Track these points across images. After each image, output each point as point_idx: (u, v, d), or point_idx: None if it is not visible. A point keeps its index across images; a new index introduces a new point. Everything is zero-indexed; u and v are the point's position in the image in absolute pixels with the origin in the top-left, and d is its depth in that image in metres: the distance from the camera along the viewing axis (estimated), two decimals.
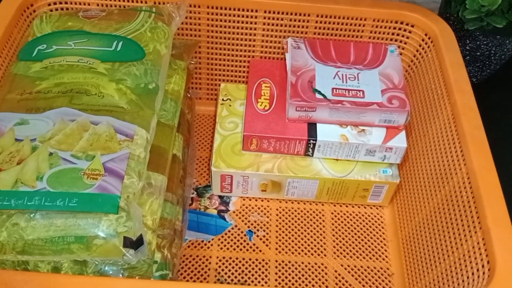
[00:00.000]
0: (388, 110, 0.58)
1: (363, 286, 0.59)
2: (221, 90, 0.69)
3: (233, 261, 0.60)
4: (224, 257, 0.60)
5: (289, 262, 0.60)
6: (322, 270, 0.60)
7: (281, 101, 0.63)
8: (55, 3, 0.63)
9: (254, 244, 0.62)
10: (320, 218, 0.65)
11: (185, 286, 0.43)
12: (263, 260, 0.60)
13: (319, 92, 0.59)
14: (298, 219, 0.64)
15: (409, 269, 0.58)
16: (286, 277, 0.59)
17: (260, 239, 0.62)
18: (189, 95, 0.67)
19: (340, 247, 0.62)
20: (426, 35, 0.63)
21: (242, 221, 0.64)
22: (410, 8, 0.63)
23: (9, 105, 0.49)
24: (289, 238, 0.63)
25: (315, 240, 0.63)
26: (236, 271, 0.59)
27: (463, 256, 0.46)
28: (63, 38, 0.55)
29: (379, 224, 0.65)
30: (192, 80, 0.72)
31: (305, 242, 0.62)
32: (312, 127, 0.60)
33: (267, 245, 0.62)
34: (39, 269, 0.44)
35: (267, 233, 0.63)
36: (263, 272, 0.59)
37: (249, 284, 0.58)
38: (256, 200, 0.66)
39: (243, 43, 0.67)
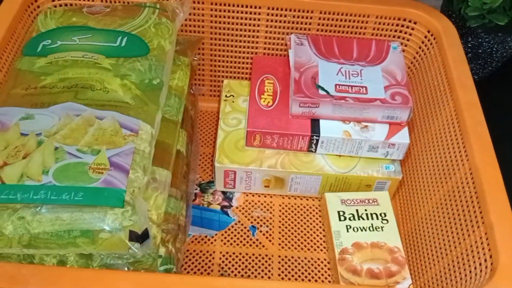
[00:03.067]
0: (391, 106, 0.58)
1: None
2: (224, 87, 0.69)
3: (236, 256, 0.60)
4: (227, 252, 0.61)
5: (292, 257, 0.61)
6: (325, 265, 0.60)
7: (284, 97, 0.63)
8: None
9: (257, 240, 0.62)
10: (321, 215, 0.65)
11: (189, 279, 0.43)
12: (266, 255, 0.61)
13: (322, 88, 0.59)
14: (301, 214, 0.65)
15: (411, 263, 0.58)
16: (289, 272, 0.59)
17: (263, 234, 0.63)
18: (192, 92, 0.68)
19: None
20: (428, 32, 0.63)
21: (245, 216, 0.64)
22: (412, 5, 0.64)
23: (14, 100, 0.49)
24: (292, 233, 0.63)
25: (318, 235, 0.63)
26: (239, 266, 0.60)
27: (465, 250, 0.47)
28: (68, 33, 0.55)
29: None
30: (195, 77, 0.73)
31: (308, 237, 0.63)
32: (315, 123, 0.60)
33: (270, 241, 0.62)
34: (45, 262, 0.45)
35: (270, 229, 0.63)
36: (266, 267, 0.60)
37: (252, 279, 0.58)
38: (259, 196, 0.66)
39: (246, 40, 0.68)
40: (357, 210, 0.60)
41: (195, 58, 0.66)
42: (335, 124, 0.60)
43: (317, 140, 0.60)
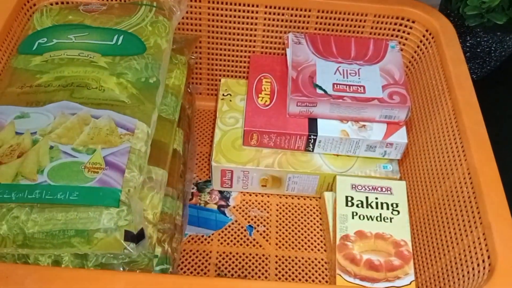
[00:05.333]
0: (388, 105, 0.58)
1: None
2: (221, 85, 0.68)
3: (233, 256, 0.60)
4: (224, 252, 0.60)
5: (289, 257, 0.61)
6: (322, 265, 0.60)
7: (282, 97, 0.62)
8: None
9: (254, 239, 0.62)
10: (320, 213, 0.65)
11: (185, 279, 0.43)
12: (263, 255, 0.60)
13: (320, 88, 0.59)
14: (298, 214, 0.65)
15: None
16: (286, 272, 0.59)
17: (260, 234, 0.62)
18: (189, 90, 0.67)
19: None
20: (427, 31, 0.63)
21: (242, 216, 0.64)
22: (411, 4, 0.63)
23: (9, 98, 0.49)
24: (289, 233, 0.63)
25: (315, 235, 0.63)
26: (236, 265, 0.59)
27: (463, 251, 0.46)
28: (64, 31, 0.55)
29: None
30: (193, 75, 0.72)
31: (305, 237, 0.62)
32: (312, 123, 0.60)
33: (267, 240, 0.62)
34: (40, 262, 0.44)
35: (267, 228, 0.63)
36: (263, 267, 0.59)
37: (249, 279, 0.58)
38: (256, 195, 0.66)
39: (244, 38, 0.67)
40: (366, 198, 0.57)
41: (192, 57, 0.66)
42: (333, 124, 0.60)
43: (315, 140, 0.60)
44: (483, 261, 0.43)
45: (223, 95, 0.67)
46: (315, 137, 0.59)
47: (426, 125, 0.59)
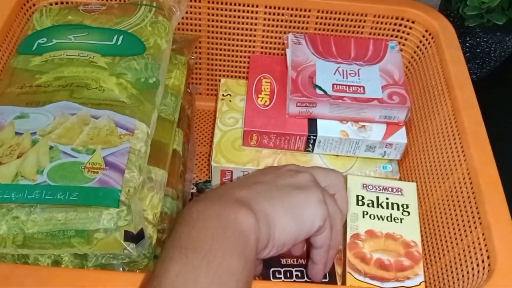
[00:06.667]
0: (388, 106, 0.58)
1: None
2: (221, 86, 0.68)
3: None
4: None
5: None
6: None
7: (282, 97, 0.63)
8: None
9: None
10: None
11: None
12: None
13: (320, 88, 0.59)
14: None
15: None
16: None
17: None
18: (189, 90, 0.67)
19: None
20: (426, 31, 0.63)
21: None
22: (410, 4, 0.63)
23: (9, 98, 0.49)
24: None
25: None
26: None
27: (463, 251, 0.46)
28: (63, 31, 0.55)
29: None
30: (192, 75, 0.72)
31: None
32: (312, 123, 0.60)
33: None
34: (39, 262, 0.44)
35: None
36: None
37: None
38: None
39: (244, 39, 0.67)
40: (377, 197, 0.56)
41: (192, 57, 0.66)
42: (333, 124, 0.60)
43: (314, 140, 0.60)
44: (483, 261, 0.43)
45: (222, 95, 0.67)
46: (314, 138, 0.59)
47: (425, 126, 0.59)
